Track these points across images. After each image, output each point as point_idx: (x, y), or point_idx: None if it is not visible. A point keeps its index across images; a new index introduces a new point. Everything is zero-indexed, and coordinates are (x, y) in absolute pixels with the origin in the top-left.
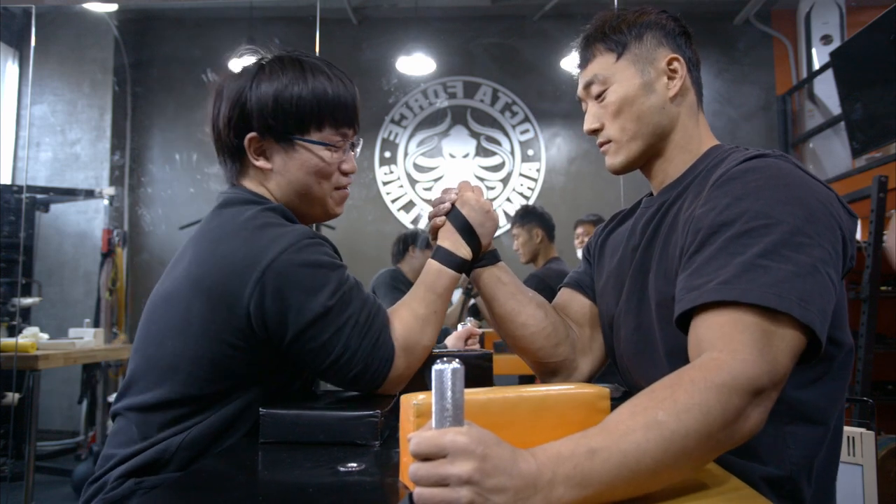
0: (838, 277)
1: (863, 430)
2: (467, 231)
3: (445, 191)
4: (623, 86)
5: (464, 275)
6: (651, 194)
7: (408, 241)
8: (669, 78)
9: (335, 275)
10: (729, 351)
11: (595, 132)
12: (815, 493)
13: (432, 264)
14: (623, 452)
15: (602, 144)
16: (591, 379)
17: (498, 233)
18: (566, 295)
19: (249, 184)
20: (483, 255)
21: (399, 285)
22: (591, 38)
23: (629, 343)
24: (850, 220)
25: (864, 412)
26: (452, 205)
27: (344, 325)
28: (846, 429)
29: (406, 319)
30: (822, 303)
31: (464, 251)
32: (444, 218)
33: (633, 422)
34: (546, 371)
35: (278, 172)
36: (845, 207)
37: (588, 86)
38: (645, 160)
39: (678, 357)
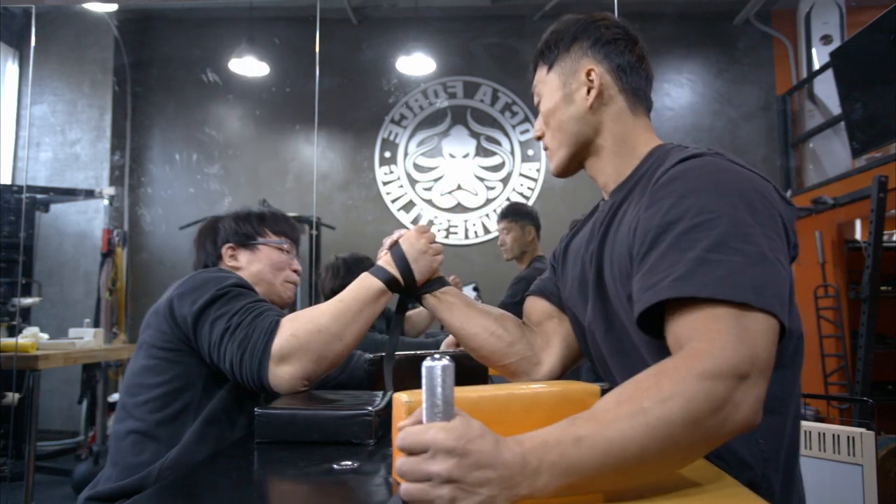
0: (787, 258)
1: (863, 430)
2: (402, 261)
3: (398, 229)
4: (549, 98)
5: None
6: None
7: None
8: (589, 89)
9: (233, 280)
10: (707, 340)
11: (539, 139)
12: (782, 483)
13: (364, 274)
14: (609, 440)
15: (545, 149)
16: (559, 373)
17: (488, 238)
18: (529, 302)
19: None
20: (429, 282)
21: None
22: (537, 51)
23: (606, 345)
24: (789, 208)
25: (864, 412)
26: (396, 241)
27: (231, 307)
28: (846, 429)
29: (305, 310)
30: (777, 287)
31: (392, 270)
32: (387, 250)
33: (618, 410)
34: (508, 371)
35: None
36: (783, 197)
37: (534, 95)
38: (577, 164)
39: (656, 351)
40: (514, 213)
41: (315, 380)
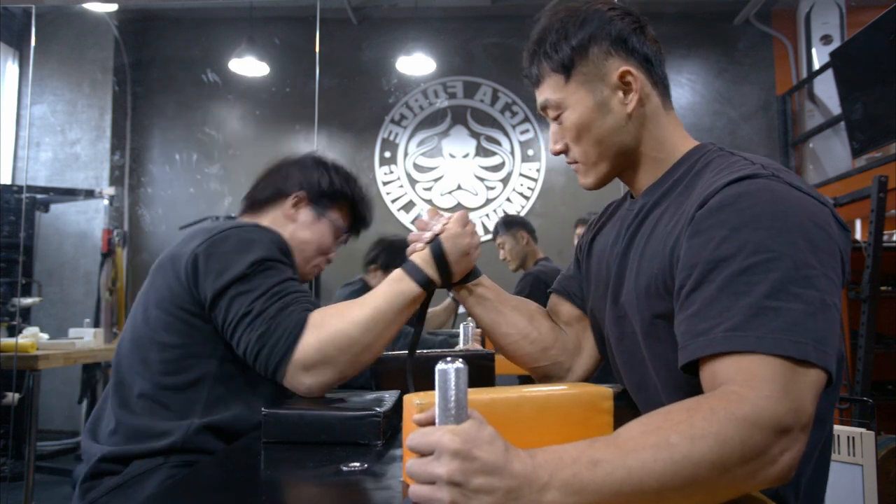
0: (840, 301)
1: (863, 430)
2: (442, 262)
3: (436, 216)
4: (577, 110)
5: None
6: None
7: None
8: (624, 92)
9: (264, 252)
10: (751, 387)
11: (559, 154)
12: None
13: (397, 272)
14: (628, 469)
15: (571, 163)
16: (587, 379)
17: (489, 238)
18: (554, 300)
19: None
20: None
21: None
22: (536, 54)
23: (617, 353)
24: (845, 236)
25: (864, 412)
26: (437, 235)
27: (256, 286)
28: (846, 429)
29: (331, 307)
30: (833, 338)
31: (431, 272)
32: (424, 244)
33: (643, 440)
34: (538, 374)
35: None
36: (839, 222)
37: (544, 108)
38: (617, 174)
39: (666, 371)
40: (503, 226)
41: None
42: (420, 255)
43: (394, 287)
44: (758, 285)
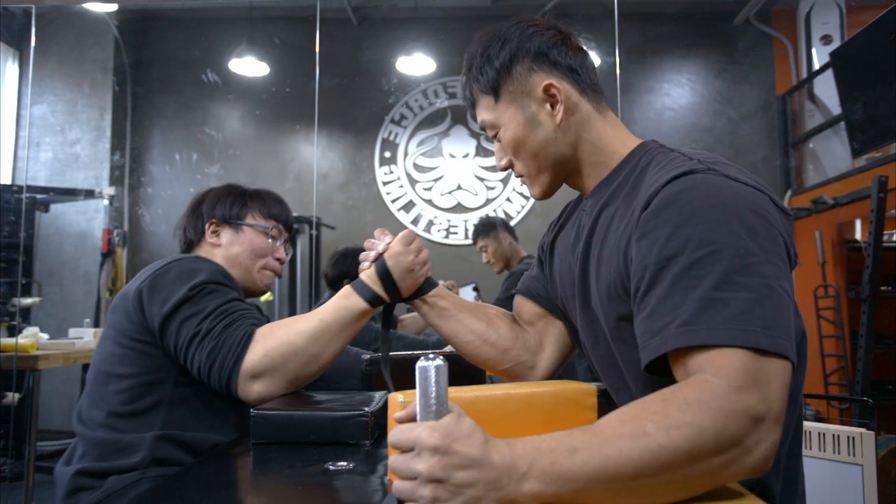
0: (790, 284)
1: (863, 430)
2: (387, 278)
3: (383, 235)
4: (510, 127)
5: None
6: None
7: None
8: (552, 105)
9: (205, 276)
10: (723, 376)
11: (505, 169)
12: (783, 487)
13: (346, 288)
14: (604, 456)
15: (518, 176)
16: (552, 376)
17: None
18: (518, 300)
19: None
20: (418, 288)
21: None
22: (468, 79)
23: (593, 358)
24: (786, 220)
25: (864, 412)
26: (380, 255)
27: (202, 308)
28: (846, 429)
29: (280, 321)
30: (785, 322)
31: (377, 289)
32: (370, 263)
33: (620, 429)
34: (504, 376)
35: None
36: (780, 207)
37: (483, 128)
38: (561, 181)
39: (636, 372)
40: (482, 229)
41: (286, 393)
42: (366, 273)
43: (341, 302)
44: (705, 278)
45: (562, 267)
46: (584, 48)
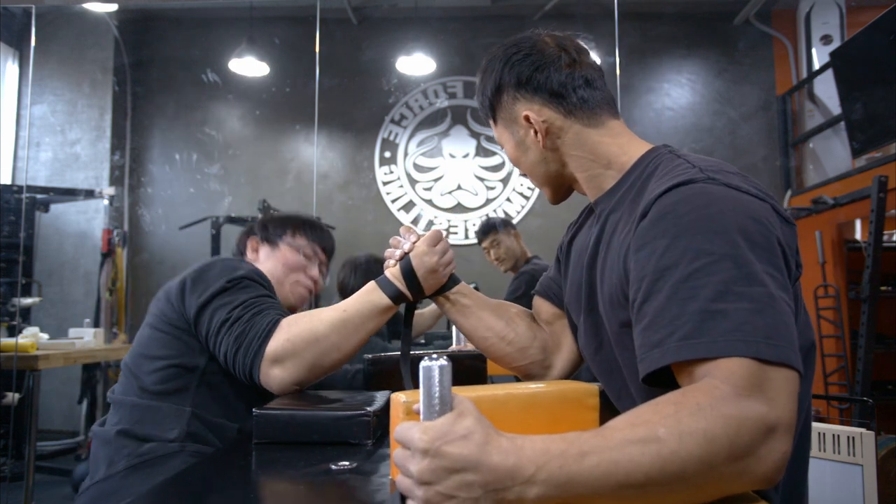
0: (790, 293)
1: (863, 430)
2: (411, 277)
3: (409, 233)
4: (507, 148)
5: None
6: None
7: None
8: (535, 131)
9: (244, 273)
10: (731, 384)
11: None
12: (783, 498)
13: (371, 283)
14: (615, 462)
15: None
16: (569, 375)
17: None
18: (536, 300)
19: None
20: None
21: None
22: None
23: (595, 363)
24: (788, 228)
25: (864, 412)
26: (406, 254)
27: (235, 298)
28: (846, 429)
29: (304, 312)
30: (787, 330)
31: (401, 287)
32: (395, 262)
33: (631, 433)
34: (520, 373)
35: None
36: (781, 216)
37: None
38: (565, 190)
39: (637, 380)
40: (496, 225)
41: (308, 384)
42: (391, 271)
43: (365, 296)
44: (703, 289)
45: (573, 270)
46: (581, 57)
